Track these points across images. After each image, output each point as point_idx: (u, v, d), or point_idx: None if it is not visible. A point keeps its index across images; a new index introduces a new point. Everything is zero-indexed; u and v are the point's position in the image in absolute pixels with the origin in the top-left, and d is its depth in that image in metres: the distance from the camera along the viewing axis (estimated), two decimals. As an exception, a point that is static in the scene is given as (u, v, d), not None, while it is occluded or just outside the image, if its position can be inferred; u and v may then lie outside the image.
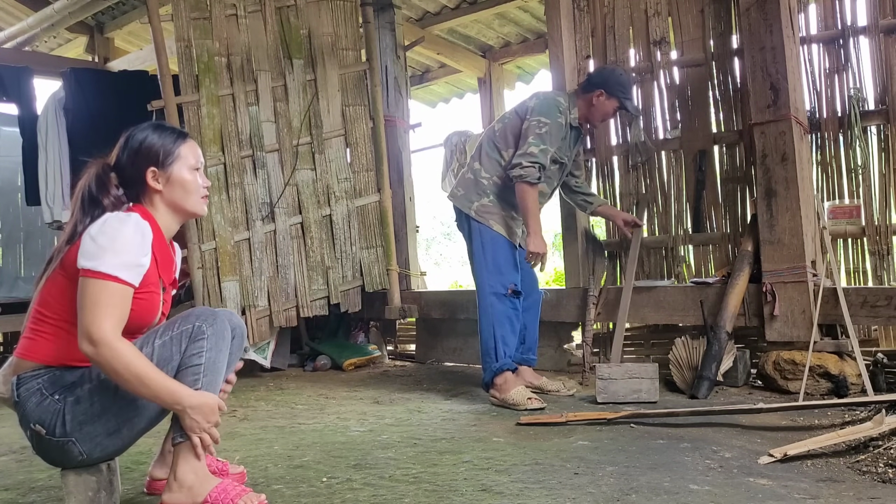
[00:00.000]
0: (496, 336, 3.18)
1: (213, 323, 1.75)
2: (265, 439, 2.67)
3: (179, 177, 1.84)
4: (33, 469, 2.32)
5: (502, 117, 3.42)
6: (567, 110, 3.28)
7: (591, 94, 3.29)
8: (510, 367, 3.15)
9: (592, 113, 3.32)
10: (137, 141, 1.82)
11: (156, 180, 1.81)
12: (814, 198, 3.38)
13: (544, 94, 3.34)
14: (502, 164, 3.29)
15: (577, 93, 3.39)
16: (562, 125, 3.24)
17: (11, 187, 6.49)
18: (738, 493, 1.84)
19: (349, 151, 4.58)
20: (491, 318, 3.20)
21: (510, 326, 3.20)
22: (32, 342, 1.71)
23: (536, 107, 3.24)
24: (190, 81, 4.26)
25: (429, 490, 1.95)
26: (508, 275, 3.23)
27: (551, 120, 3.19)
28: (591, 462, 2.17)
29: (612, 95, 3.26)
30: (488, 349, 3.19)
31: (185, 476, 1.73)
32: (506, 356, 3.15)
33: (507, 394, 3.05)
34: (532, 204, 3.15)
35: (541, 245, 3.15)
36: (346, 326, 4.95)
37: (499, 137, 3.34)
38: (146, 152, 1.81)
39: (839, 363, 3.06)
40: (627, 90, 3.30)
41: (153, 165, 1.81)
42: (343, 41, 4.58)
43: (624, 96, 3.28)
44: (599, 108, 3.30)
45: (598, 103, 3.29)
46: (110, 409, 1.70)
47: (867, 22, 3.36)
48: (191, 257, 4.15)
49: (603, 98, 3.27)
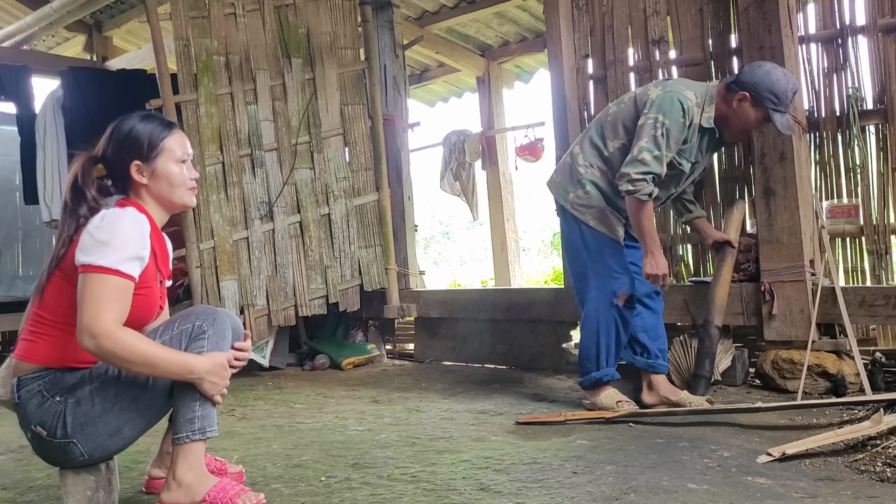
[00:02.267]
0: (600, 344, 2.90)
1: (214, 322, 1.76)
2: (264, 438, 2.67)
3: (164, 170, 1.81)
4: (31, 468, 2.32)
5: (619, 100, 2.99)
6: (696, 108, 2.76)
7: (734, 96, 2.74)
8: (612, 377, 2.92)
9: (731, 118, 2.78)
10: (122, 133, 1.81)
11: (140, 174, 1.80)
12: (812, 197, 3.38)
13: (671, 86, 2.80)
14: (605, 155, 2.91)
15: (720, 88, 2.82)
16: (684, 126, 2.72)
17: (9, 186, 6.48)
18: (737, 492, 1.84)
19: (348, 150, 4.58)
20: (595, 323, 2.90)
21: (617, 335, 2.90)
22: (32, 344, 1.71)
23: (657, 101, 2.74)
24: (188, 80, 4.26)
25: (427, 489, 1.95)
26: (619, 278, 2.87)
27: (672, 121, 2.70)
28: (590, 461, 2.17)
29: (760, 104, 2.69)
30: (589, 355, 2.92)
31: (184, 475, 1.73)
32: (608, 365, 2.90)
33: (598, 397, 2.90)
34: (646, 220, 2.75)
35: (658, 264, 2.74)
36: (344, 325, 4.95)
37: (608, 124, 2.92)
38: (130, 145, 1.80)
39: (837, 362, 3.06)
40: (782, 100, 2.68)
41: (137, 159, 1.79)
42: (342, 40, 4.58)
43: (775, 107, 2.67)
44: (740, 115, 2.75)
45: (740, 109, 2.73)
46: (111, 409, 1.70)
47: (866, 21, 3.36)
48: (189, 256, 4.15)
49: (747, 104, 2.71)
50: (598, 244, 2.92)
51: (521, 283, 7.09)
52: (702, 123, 2.79)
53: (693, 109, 2.75)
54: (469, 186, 6.80)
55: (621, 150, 2.86)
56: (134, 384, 1.71)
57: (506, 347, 4.35)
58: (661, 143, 2.70)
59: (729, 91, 2.76)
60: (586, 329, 2.96)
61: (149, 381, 1.72)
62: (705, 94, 2.81)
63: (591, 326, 2.92)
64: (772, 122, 2.71)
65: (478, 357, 4.47)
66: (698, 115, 2.77)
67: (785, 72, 2.77)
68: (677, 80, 3.00)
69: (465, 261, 17.87)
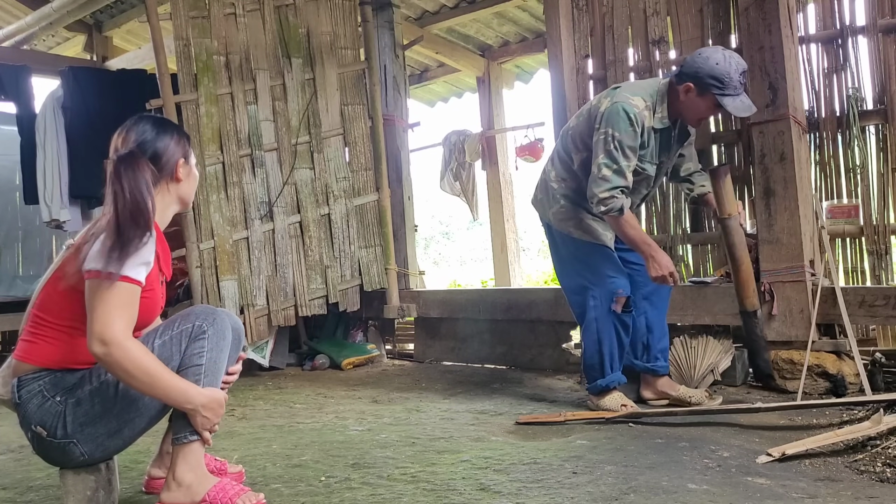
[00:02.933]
0: (603, 352, 2.89)
1: (214, 322, 1.76)
2: (263, 438, 2.67)
3: (194, 170, 1.92)
4: (31, 468, 2.32)
5: (578, 113, 2.99)
6: (646, 112, 2.73)
7: (680, 89, 2.71)
8: (618, 382, 2.92)
9: (684, 112, 2.76)
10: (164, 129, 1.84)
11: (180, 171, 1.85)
12: (812, 197, 3.38)
13: (617, 95, 2.77)
14: (573, 168, 2.93)
15: (669, 84, 2.78)
16: (635, 134, 2.70)
17: (9, 186, 6.49)
18: (737, 492, 1.85)
19: (348, 150, 4.58)
20: (596, 333, 2.89)
21: (619, 340, 2.89)
22: (33, 345, 1.71)
23: (605, 115, 2.73)
24: (188, 80, 4.26)
25: (427, 489, 1.95)
26: (615, 280, 2.86)
27: (622, 132, 2.68)
28: (590, 461, 2.17)
29: (706, 91, 2.64)
30: (593, 364, 2.91)
31: (184, 475, 1.73)
32: (613, 371, 2.90)
33: (602, 400, 2.90)
34: (630, 231, 2.73)
35: (661, 264, 2.70)
36: (344, 325, 4.95)
37: (570, 139, 2.95)
38: (177, 143, 1.84)
39: (837, 362, 3.06)
40: (726, 82, 2.60)
41: (183, 157, 1.85)
42: (342, 40, 4.58)
43: (721, 91, 2.61)
44: (690, 107, 2.72)
45: (688, 100, 2.70)
46: (111, 410, 1.70)
47: (866, 22, 3.36)
48: (189, 256, 4.15)
49: (693, 95, 2.68)
50: (586, 253, 2.94)
51: (520, 283, 7.09)
52: (654, 126, 2.77)
53: (642, 114, 2.72)
54: (469, 186, 6.81)
55: (585, 163, 2.87)
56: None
57: (505, 347, 4.35)
58: (618, 157, 2.69)
59: (676, 85, 2.73)
60: (588, 338, 2.95)
61: None
62: (655, 93, 2.78)
63: (592, 336, 2.92)
64: (722, 107, 2.66)
65: (478, 357, 4.47)
66: (650, 118, 2.75)
67: (727, 53, 2.67)
68: (626, 86, 2.92)
69: (465, 261, 17.88)
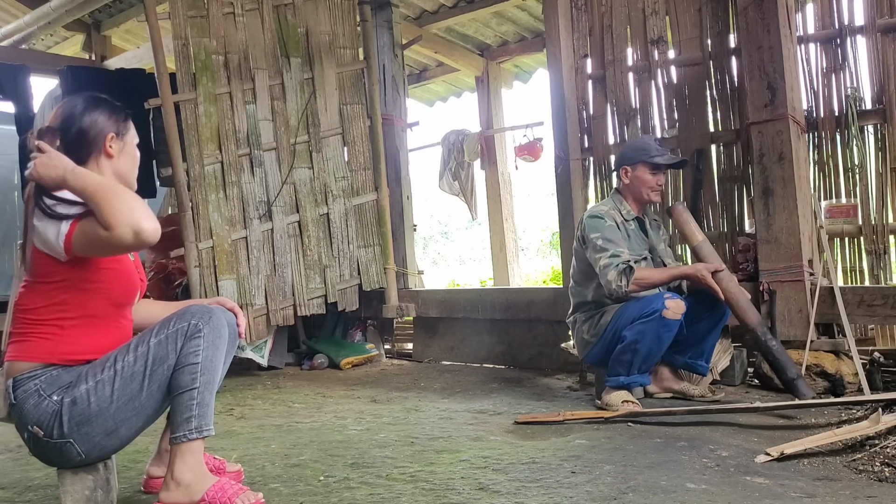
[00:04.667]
0: (639, 351, 2.91)
1: (210, 321, 1.75)
2: (262, 438, 2.67)
3: (131, 148, 1.86)
4: (30, 468, 2.31)
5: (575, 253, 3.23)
6: (613, 211, 3.12)
7: (621, 176, 3.16)
8: (641, 384, 3.04)
9: (635, 193, 3.14)
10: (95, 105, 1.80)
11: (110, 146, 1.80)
12: (811, 197, 3.38)
13: (587, 213, 3.16)
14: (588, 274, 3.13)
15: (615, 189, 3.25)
16: (615, 226, 3.07)
17: (8, 186, 6.47)
18: (735, 491, 1.85)
19: (347, 150, 4.58)
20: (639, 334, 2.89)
21: (660, 347, 2.91)
22: (24, 343, 1.70)
23: (584, 229, 3.10)
24: (187, 79, 4.26)
25: (426, 489, 1.95)
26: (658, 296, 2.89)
27: (601, 231, 3.02)
28: (589, 461, 2.17)
29: (637, 163, 3.10)
30: (623, 360, 2.93)
31: (183, 474, 1.72)
32: (639, 373, 2.95)
33: (610, 395, 2.93)
34: (657, 275, 2.95)
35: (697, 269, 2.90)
36: (343, 325, 4.95)
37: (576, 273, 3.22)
38: (107, 118, 1.80)
39: (836, 362, 3.07)
40: (648, 149, 3.11)
41: (112, 131, 1.80)
42: (340, 39, 4.58)
43: (647, 156, 3.09)
44: (636, 183, 3.12)
45: (632, 179, 3.12)
46: (107, 409, 1.69)
47: (864, 21, 3.36)
48: (188, 256, 4.15)
49: (632, 172, 3.12)
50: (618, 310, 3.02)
51: (519, 282, 7.09)
52: (625, 217, 3.14)
53: (610, 213, 3.11)
54: (468, 186, 6.81)
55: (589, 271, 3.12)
56: (130, 383, 1.70)
57: (504, 347, 4.35)
58: (609, 245, 2.98)
59: (618, 180, 3.20)
60: (631, 333, 2.91)
61: (145, 381, 1.71)
62: (612, 199, 3.20)
63: (635, 336, 2.89)
64: (656, 165, 3.07)
65: (476, 357, 4.47)
66: (619, 215, 3.13)
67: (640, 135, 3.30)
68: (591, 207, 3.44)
69: (464, 260, 17.87)
